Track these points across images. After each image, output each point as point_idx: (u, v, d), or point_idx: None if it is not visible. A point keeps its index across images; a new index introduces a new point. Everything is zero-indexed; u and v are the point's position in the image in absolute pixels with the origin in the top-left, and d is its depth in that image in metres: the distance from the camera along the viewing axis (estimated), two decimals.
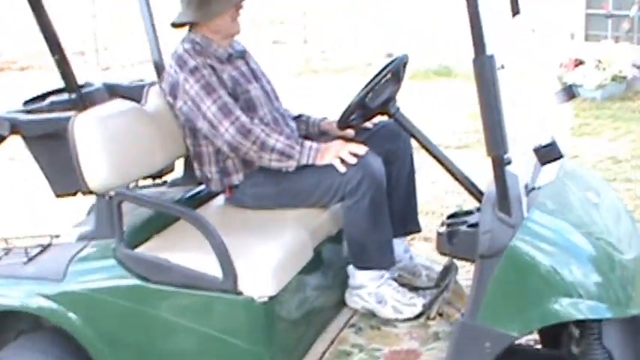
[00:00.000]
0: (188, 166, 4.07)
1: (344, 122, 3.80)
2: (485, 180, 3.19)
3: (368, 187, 3.52)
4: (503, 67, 2.91)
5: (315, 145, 3.63)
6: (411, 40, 12.66)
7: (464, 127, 8.92)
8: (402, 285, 3.77)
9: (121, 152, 3.37)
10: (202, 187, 3.99)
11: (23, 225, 6.16)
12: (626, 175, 6.79)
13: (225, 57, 3.83)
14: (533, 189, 3.10)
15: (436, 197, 6.47)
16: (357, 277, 3.70)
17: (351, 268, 3.73)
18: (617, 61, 9.60)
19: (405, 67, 3.79)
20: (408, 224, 4.02)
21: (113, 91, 4.43)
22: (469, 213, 3.42)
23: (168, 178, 4.24)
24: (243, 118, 3.60)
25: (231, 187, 3.80)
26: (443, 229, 3.28)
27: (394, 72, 3.70)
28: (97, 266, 3.32)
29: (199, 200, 3.92)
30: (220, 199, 3.94)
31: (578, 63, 9.80)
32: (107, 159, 3.29)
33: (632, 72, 9.60)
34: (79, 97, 4.23)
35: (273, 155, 3.59)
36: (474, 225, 3.20)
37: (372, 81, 3.71)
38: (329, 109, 4.66)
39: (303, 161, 3.60)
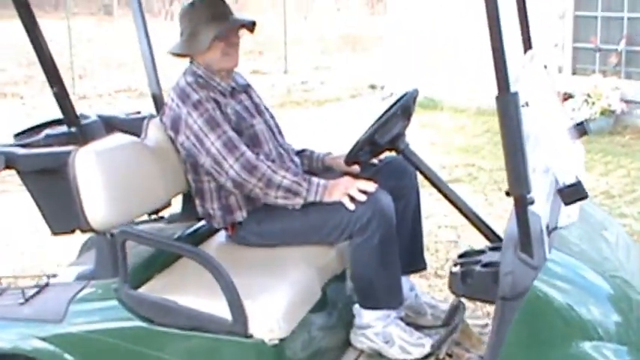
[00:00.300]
0: (187, 201, 3.99)
1: (352, 158, 3.75)
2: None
3: (378, 224, 3.46)
4: (527, 104, 2.87)
5: (322, 181, 3.57)
6: (394, 72, 12.67)
7: (454, 160, 8.89)
8: (407, 324, 3.70)
9: (123, 189, 3.30)
10: (202, 223, 3.91)
11: (18, 262, 6.09)
12: (620, 211, 6.77)
13: (227, 91, 3.77)
14: (555, 229, 3.05)
15: (430, 232, 6.41)
16: (364, 316, 3.62)
17: (357, 307, 3.66)
18: (606, 95, 9.62)
19: (414, 101, 3.76)
20: (414, 262, 3.96)
21: (109, 124, 4.35)
22: (481, 252, 3.37)
23: (165, 213, 4.14)
24: (249, 154, 3.54)
25: (233, 224, 3.73)
26: (456, 269, 3.23)
27: (405, 107, 3.66)
28: (99, 307, 3.23)
29: (200, 237, 3.85)
30: (221, 236, 3.86)
31: (568, 97, 9.83)
32: (110, 196, 3.22)
33: (620, 106, 9.63)
34: (79, 130, 4.12)
35: (280, 192, 3.53)
36: (488, 265, 3.16)
37: (382, 116, 3.67)
38: (314, 140, 4.62)
39: (311, 198, 3.54)
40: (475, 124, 10.77)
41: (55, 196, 3.92)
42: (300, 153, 4.07)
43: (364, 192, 3.47)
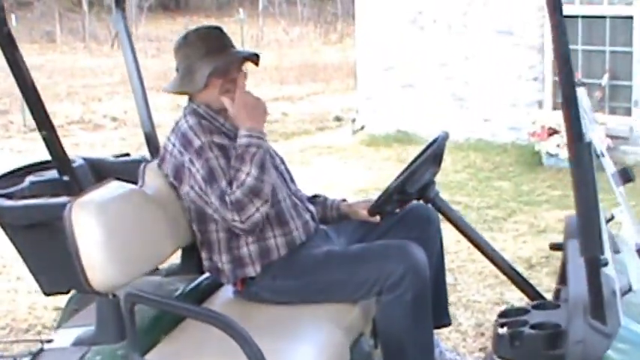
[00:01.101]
0: (187, 252, 3.70)
1: (378, 208, 3.51)
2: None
3: (411, 281, 3.22)
4: (603, 155, 2.65)
5: (245, 139, 3.28)
6: (365, 105, 12.47)
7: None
8: None
9: (127, 245, 3.01)
10: (204, 276, 3.63)
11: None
12: None
13: (233, 132, 3.45)
14: (629, 290, 2.82)
15: None
16: None
17: None
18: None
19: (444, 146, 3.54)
20: (438, 317, 3.70)
21: (96, 169, 4.03)
22: (524, 311, 3.13)
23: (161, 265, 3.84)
24: (230, 198, 3.19)
25: (244, 279, 3.44)
26: (504, 331, 2.98)
27: (437, 154, 3.44)
28: None
29: (202, 293, 3.57)
30: (227, 291, 3.58)
31: (552, 132, 9.68)
32: (112, 253, 2.93)
33: (606, 142, 9.49)
34: (72, 178, 3.77)
35: (257, 180, 3.22)
36: (537, 326, 2.92)
37: (412, 163, 3.42)
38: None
39: (256, 150, 3.24)
40: (454, 160, 10.55)
41: (47, 253, 3.59)
42: (312, 199, 3.82)
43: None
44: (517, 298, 5.57)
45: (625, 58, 9.85)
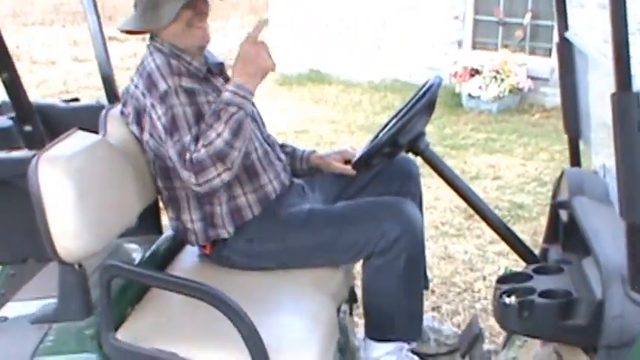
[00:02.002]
0: (146, 211, 3.30)
1: (364, 162, 3.19)
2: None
3: (405, 244, 2.95)
4: None
5: (230, 87, 2.86)
6: (277, 44, 12.09)
7: (358, 140, 8.41)
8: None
9: (98, 205, 2.63)
10: (164, 237, 3.28)
11: None
12: None
13: (202, 73, 3.10)
14: None
15: None
16: (373, 350, 3.11)
17: (363, 338, 3.13)
18: (515, 72, 9.35)
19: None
20: None
21: (45, 115, 3.57)
22: (525, 276, 2.88)
23: None
24: (192, 155, 2.78)
25: (214, 241, 3.11)
26: (510, 300, 2.72)
27: (431, 101, 3.13)
28: None
29: (165, 256, 3.21)
30: (191, 254, 3.23)
31: (474, 73, 9.49)
32: (85, 216, 2.54)
33: (528, 84, 9.39)
34: (35, 129, 3.31)
35: (233, 144, 2.79)
36: (547, 294, 2.68)
37: (406, 113, 3.11)
38: None
39: (248, 107, 2.86)
40: (371, 101, 10.33)
41: (2, 216, 3.15)
42: (279, 147, 3.47)
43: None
44: (461, 251, 5.41)
45: None
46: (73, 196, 2.48)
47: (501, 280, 2.89)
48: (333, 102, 10.37)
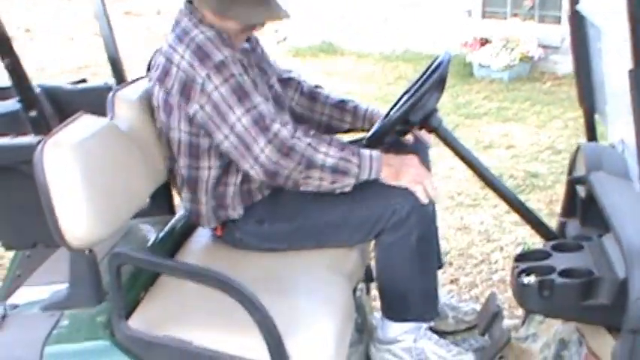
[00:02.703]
0: (158, 191, 3.17)
1: (376, 140, 3.05)
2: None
3: (417, 220, 2.82)
4: None
5: (376, 153, 2.82)
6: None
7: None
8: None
9: (107, 189, 2.49)
10: (176, 218, 3.16)
11: None
12: None
13: (246, 51, 2.99)
14: None
15: None
16: (390, 329, 3.00)
17: (380, 318, 3.01)
18: (524, 40, 9.16)
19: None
20: None
21: (53, 97, 3.42)
22: (544, 254, 2.74)
23: None
24: (284, 133, 2.71)
25: (225, 222, 2.98)
26: (530, 280, 2.58)
27: (442, 77, 2.98)
28: (86, 349, 2.43)
29: (177, 238, 3.09)
30: (204, 235, 3.10)
31: (484, 42, 9.31)
32: (93, 201, 2.40)
33: (538, 52, 9.19)
34: (40, 114, 3.16)
35: (325, 174, 2.74)
36: (567, 273, 2.54)
37: (415, 89, 2.96)
38: None
39: (364, 177, 2.79)
40: (384, 71, 10.15)
41: (9, 201, 3.02)
42: (339, 104, 3.32)
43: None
44: (477, 222, 5.28)
45: None
46: (79, 182, 2.36)
47: (520, 258, 2.76)
48: (346, 73, 10.20)
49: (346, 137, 3.13)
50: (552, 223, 5.00)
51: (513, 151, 6.81)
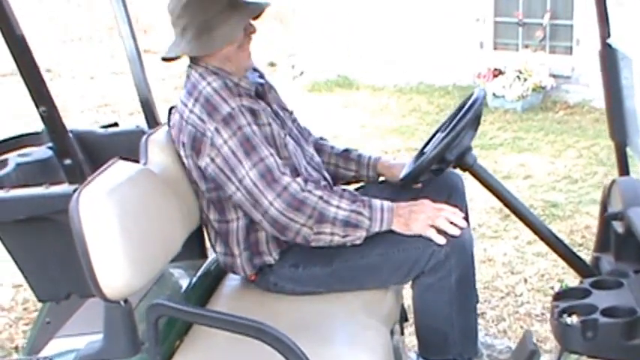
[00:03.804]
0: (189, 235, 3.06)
1: (411, 179, 2.93)
2: None
3: (456, 261, 2.69)
4: None
5: (387, 204, 2.72)
6: (304, 49, 11.84)
7: (392, 144, 8.19)
8: None
9: (143, 240, 2.37)
10: (208, 262, 3.05)
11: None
12: (590, 197, 6.17)
13: (252, 92, 2.86)
14: None
15: None
16: None
17: (417, 357, 2.88)
18: (537, 71, 9.06)
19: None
20: None
21: (84, 142, 3.32)
22: (584, 292, 2.61)
23: None
24: (294, 187, 2.65)
25: (260, 267, 2.86)
26: (572, 320, 2.46)
27: (477, 115, 2.87)
28: None
29: (210, 284, 2.98)
30: (236, 279, 2.98)
31: (498, 73, 9.21)
32: (130, 252, 2.28)
33: (550, 82, 9.09)
34: (75, 162, 3.05)
35: (336, 229, 2.66)
36: (610, 312, 2.42)
37: (449, 127, 2.86)
38: None
39: (375, 229, 2.68)
40: (398, 103, 10.05)
41: (43, 252, 2.90)
42: (343, 154, 3.22)
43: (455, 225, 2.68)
44: (500, 254, 5.14)
45: None
46: (116, 233, 2.24)
47: (559, 297, 2.63)
48: (362, 106, 10.10)
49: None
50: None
51: (531, 181, 6.68)
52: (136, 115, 10.13)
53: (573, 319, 2.45)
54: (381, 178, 3.25)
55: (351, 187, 3.20)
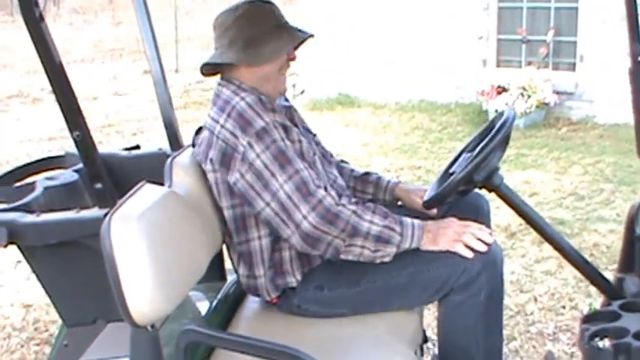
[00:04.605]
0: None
1: (436, 201, 2.88)
2: None
3: (487, 279, 2.64)
4: None
5: (417, 222, 2.68)
6: (305, 69, 11.80)
7: (395, 162, 8.13)
8: None
9: (171, 264, 2.31)
10: (227, 284, 2.99)
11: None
12: (597, 214, 6.11)
13: (284, 114, 2.84)
14: None
15: None
16: None
17: None
18: (541, 88, 9.03)
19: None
20: None
21: (108, 165, 3.27)
22: (613, 314, 2.57)
23: None
24: (328, 200, 2.60)
25: (283, 290, 2.81)
26: (604, 344, 2.41)
27: (507, 136, 2.82)
28: None
29: (230, 307, 2.92)
30: (256, 302, 2.93)
31: (501, 90, 9.17)
32: (160, 277, 2.23)
33: (553, 98, 9.06)
34: (106, 186, 3.00)
35: (368, 243, 2.61)
36: None
37: (482, 149, 2.80)
38: None
39: (406, 245, 2.64)
40: (400, 121, 10.01)
41: (72, 277, 2.84)
42: (362, 177, 3.19)
43: (480, 240, 2.62)
44: (508, 272, 5.07)
45: (570, 14, 9.39)
46: (146, 257, 2.19)
47: (587, 320, 2.58)
48: (364, 124, 10.07)
49: None
50: None
51: (537, 198, 6.64)
52: (139, 136, 10.14)
53: (605, 343, 2.40)
54: (399, 203, 3.21)
55: None
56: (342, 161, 3.29)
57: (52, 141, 10.17)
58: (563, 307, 4.56)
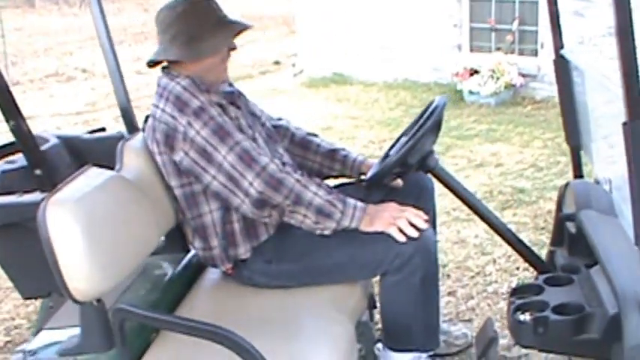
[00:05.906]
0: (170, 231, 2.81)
1: (375, 182, 2.68)
2: None
3: (421, 261, 2.43)
4: None
5: (360, 204, 2.47)
6: (303, 49, 11.55)
7: (379, 135, 7.89)
8: None
9: (110, 246, 2.12)
10: (190, 256, 2.81)
11: None
12: (553, 183, 5.89)
13: (224, 97, 2.62)
14: None
15: None
16: (392, 359, 2.59)
17: (381, 348, 2.64)
18: (508, 71, 8.79)
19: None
20: None
21: (71, 147, 3.07)
22: (537, 288, 2.38)
23: None
24: (272, 166, 2.40)
25: (236, 262, 2.61)
26: (525, 318, 2.23)
27: (438, 122, 2.62)
28: None
29: (190, 276, 2.73)
30: (215, 273, 2.74)
31: (473, 72, 8.93)
32: (95, 258, 2.03)
33: (519, 80, 8.81)
34: (45, 172, 2.81)
35: (309, 212, 2.42)
36: (561, 310, 2.19)
37: (411, 133, 2.60)
38: None
39: (345, 223, 2.44)
40: (387, 98, 9.76)
41: (24, 255, 2.67)
42: (330, 153, 2.95)
43: (414, 226, 2.41)
44: (472, 236, 4.89)
45: (532, 7, 9.13)
46: (82, 240, 1.99)
47: (514, 293, 2.41)
48: (354, 100, 9.80)
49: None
50: (536, 236, 4.63)
51: (501, 169, 6.40)
52: None
53: (526, 317, 2.24)
54: (363, 177, 2.99)
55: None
56: (309, 134, 3.04)
57: (79, 115, 10.01)
58: (517, 269, 4.37)
